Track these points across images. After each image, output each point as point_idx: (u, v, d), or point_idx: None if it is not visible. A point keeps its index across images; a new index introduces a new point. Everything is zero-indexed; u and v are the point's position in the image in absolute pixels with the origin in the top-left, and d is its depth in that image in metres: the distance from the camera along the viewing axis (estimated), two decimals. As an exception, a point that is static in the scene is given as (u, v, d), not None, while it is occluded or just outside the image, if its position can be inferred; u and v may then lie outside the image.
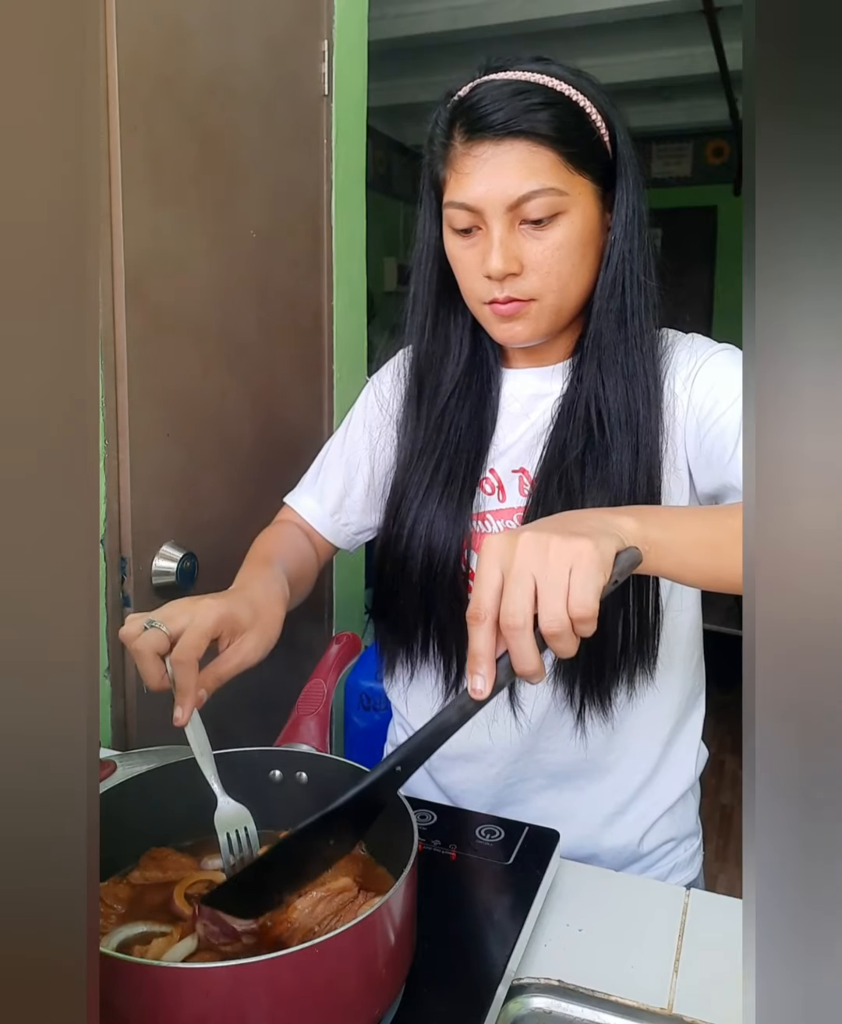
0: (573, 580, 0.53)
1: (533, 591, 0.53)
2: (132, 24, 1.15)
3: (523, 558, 0.54)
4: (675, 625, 0.91)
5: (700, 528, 0.64)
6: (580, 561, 0.53)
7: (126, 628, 0.71)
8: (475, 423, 0.91)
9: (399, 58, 3.72)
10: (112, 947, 0.62)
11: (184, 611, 0.72)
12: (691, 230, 5.34)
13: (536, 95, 0.77)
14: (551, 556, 0.54)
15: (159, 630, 0.70)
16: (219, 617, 0.72)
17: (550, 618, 0.53)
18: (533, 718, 0.92)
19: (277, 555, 0.94)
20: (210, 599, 0.74)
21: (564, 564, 0.53)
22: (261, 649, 0.77)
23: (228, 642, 0.75)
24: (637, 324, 0.84)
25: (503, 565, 0.55)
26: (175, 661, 0.69)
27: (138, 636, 0.70)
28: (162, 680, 0.70)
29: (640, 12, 3.39)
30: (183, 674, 0.69)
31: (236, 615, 0.75)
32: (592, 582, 0.53)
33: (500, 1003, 0.66)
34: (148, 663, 0.69)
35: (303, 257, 1.58)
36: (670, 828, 0.99)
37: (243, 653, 0.75)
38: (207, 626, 0.71)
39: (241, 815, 0.70)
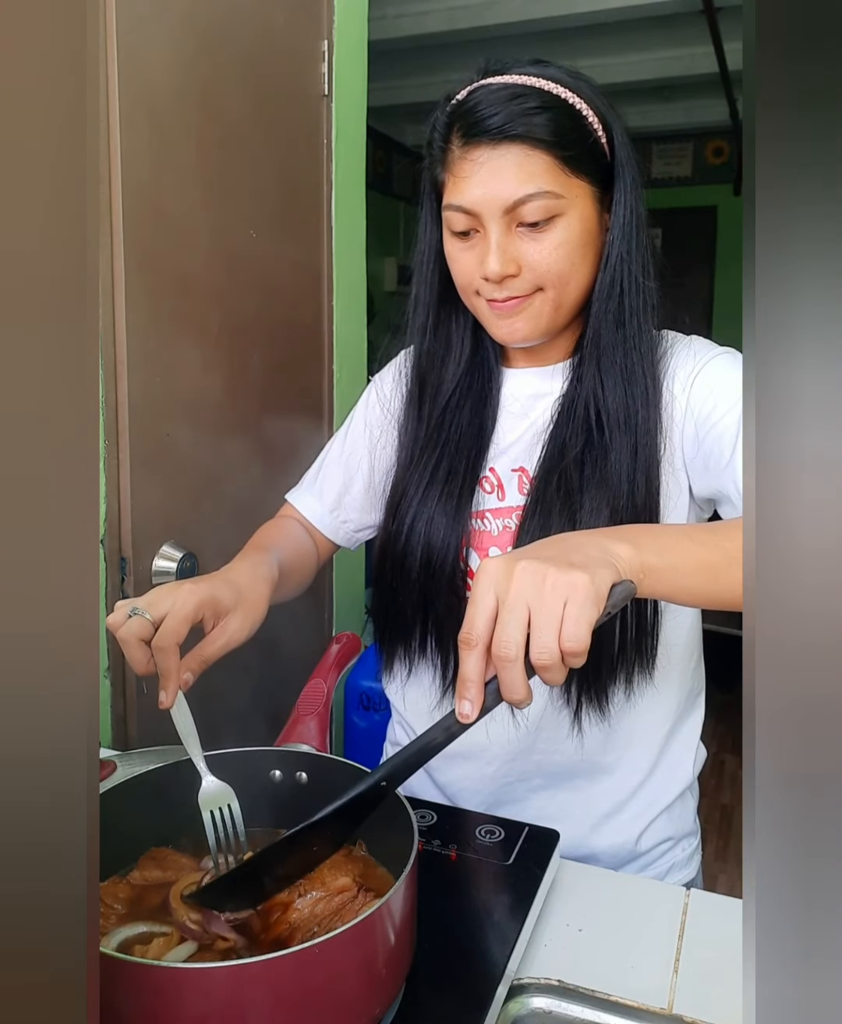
0: (567, 613, 0.53)
1: (526, 622, 0.54)
2: (133, 24, 1.15)
3: (519, 587, 0.54)
4: (674, 626, 0.91)
5: (697, 552, 0.65)
6: (575, 595, 0.53)
7: (112, 617, 0.73)
8: (475, 422, 0.92)
9: (399, 58, 3.72)
10: (112, 947, 0.62)
11: (166, 596, 0.74)
12: (691, 230, 5.34)
13: (533, 99, 0.77)
14: (547, 588, 0.54)
15: (142, 617, 0.71)
16: (199, 602, 0.74)
17: (541, 650, 0.53)
18: (531, 717, 0.92)
19: (273, 543, 0.96)
20: (192, 583, 0.76)
21: (559, 597, 0.53)
22: (246, 629, 0.78)
23: (213, 624, 0.76)
24: (636, 325, 0.85)
25: (499, 591, 0.55)
26: (156, 647, 0.71)
27: (123, 625, 0.72)
28: (148, 665, 0.71)
29: (640, 12, 3.39)
30: (164, 659, 0.71)
31: (218, 597, 0.76)
32: (585, 616, 0.53)
33: (500, 1003, 0.66)
34: (133, 650, 0.71)
35: (303, 257, 1.58)
36: (668, 827, 0.99)
37: (228, 634, 0.76)
38: (187, 611, 0.73)
39: (225, 793, 0.72)
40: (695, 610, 0.95)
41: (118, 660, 1.26)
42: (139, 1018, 0.55)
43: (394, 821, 0.66)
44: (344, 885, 0.66)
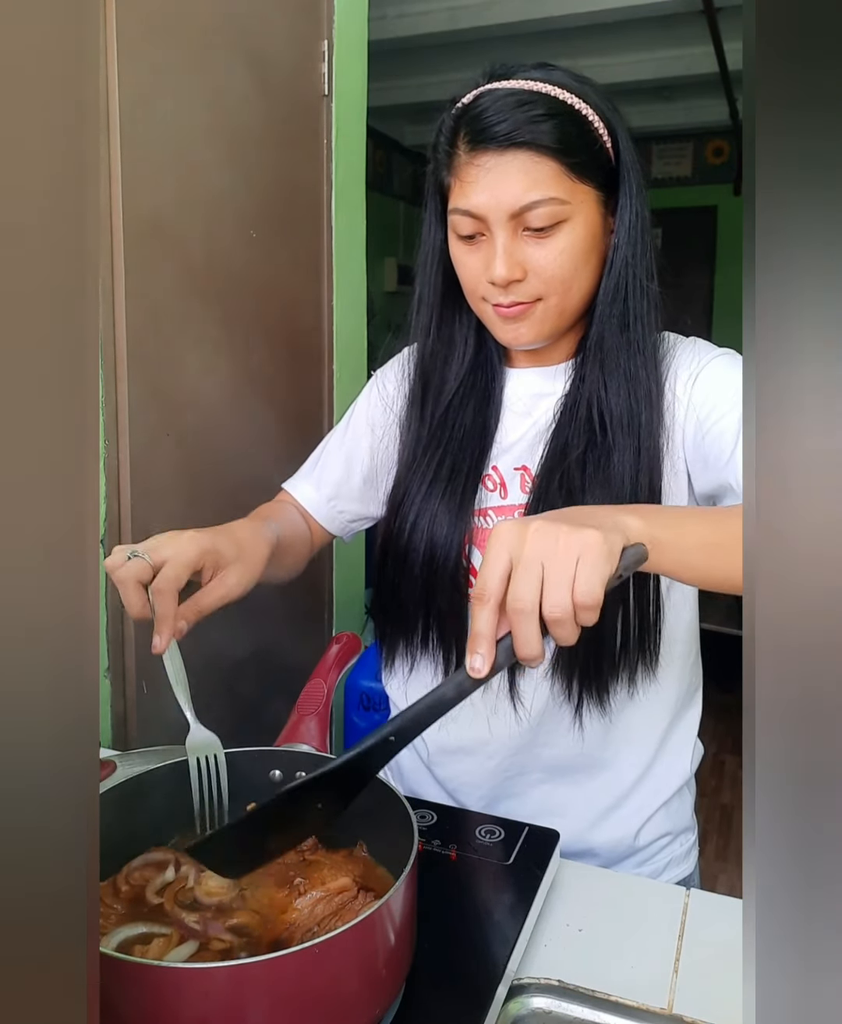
0: (579, 569, 0.54)
1: (540, 578, 0.55)
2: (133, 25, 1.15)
3: (534, 545, 0.55)
4: (674, 621, 0.92)
5: (702, 529, 0.65)
6: (588, 551, 0.54)
7: (110, 559, 0.73)
8: (478, 421, 0.92)
9: (399, 58, 3.72)
10: (112, 947, 0.62)
11: (168, 543, 0.74)
12: (691, 230, 5.34)
13: (539, 106, 0.77)
14: (561, 545, 0.55)
15: (142, 559, 0.71)
16: (201, 549, 0.74)
17: (553, 604, 0.54)
18: (533, 712, 0.92)
19: (272, 517, 0.97)
20: (194, 532, 0.76)
21: (572, 553, 0.54)
22: (244, 584, 0.78)
23: (211, 575, 0.77)
24: (640, 328, 0.85)
25: (512, 551, 0.56)
26: (155, 590, 0.71)
27: (122, 566, 0.71)
28: (143, 609, 0.71)
29: (640, 12, 3.38)
30: (162, 603, 0.71)
31: (219, 548, 0.76)
32: (598, 572, 0.54)
33: (500, 1003, 0.66)
34: (130, 591, 0.71)
35: (303, 257, 1.58)
36: (666, 822, 0.99)
37: (226, 587, 0.77)
38: (189, 557, 0.73)
39: (211, 742, 0.73)
40: (693, 606, 0.96)
41: (118, 660, 1.26)
42: (139, 1018, 0.55)
43: (394, 821, 0.66)
44: (344, 885, 0.66)
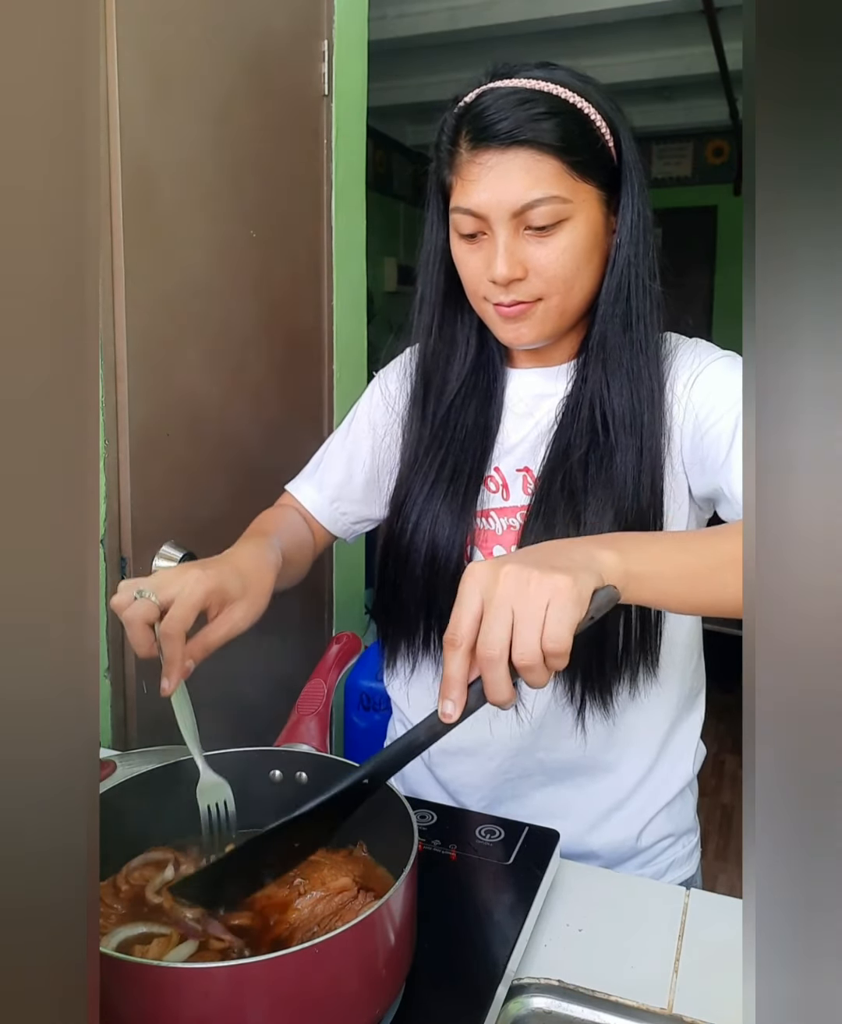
0: (549, 614, 0.54)
1: (511, 623, 0.55)
2: (133, 25, 1.15)
3: (504, 589, 0.56)
4: (676, 625, 0.92)
5: (682, 558, 0.65)
6: (557, 597, 0.55)
7: (117, 597, 0.72)
8: (480, 421, 0.92)
9: (399, 58, 3.72)
10: (112, 947, 0.62)
11: (174, 580, 0.73)
12: (691, 230, 5.34)
13: (541, 104, 0.77)
14: (530, 590, 0.55)
15: (149, 600, 0.71)
16: (207, 590, 0.74)
17: (523, 650, 0.54)
18: (534, 714, 0.92)
19: (273, 530, 0.96)
20: (199, 570, 0.75)
21: (542, 598, 0.55)
22: (250, 618, 0.78)
23: (217, 612, 0.76)
24: (642, 328, 0.85)
25: (485, 593, 0.57)
26: (163, 634, 0.71)
27: (129, 606, 0.71)
28: (150, 648, 0.71)
29: (640, 12, 3.38)
30: (170, 646, 0.71)
31: (225, 586, 0.76)
32: (567, 617, 0.54)
33: (500, 1003, 0.66)
34: (138, 632, 0.71)
35: (303, 257, 1.58)
36: (668, 824, 0.99)
37: (232, 622, 0.76)
38: (195, 600, 0.72)
39: (220, 789, 0.73)
40: (695, 609, 0.96)
41: (118, 660, 1.26)
42: (139, 1018, 0.55)
43: (394, 821, 0.66)
44: (344, 885, 0.66)
